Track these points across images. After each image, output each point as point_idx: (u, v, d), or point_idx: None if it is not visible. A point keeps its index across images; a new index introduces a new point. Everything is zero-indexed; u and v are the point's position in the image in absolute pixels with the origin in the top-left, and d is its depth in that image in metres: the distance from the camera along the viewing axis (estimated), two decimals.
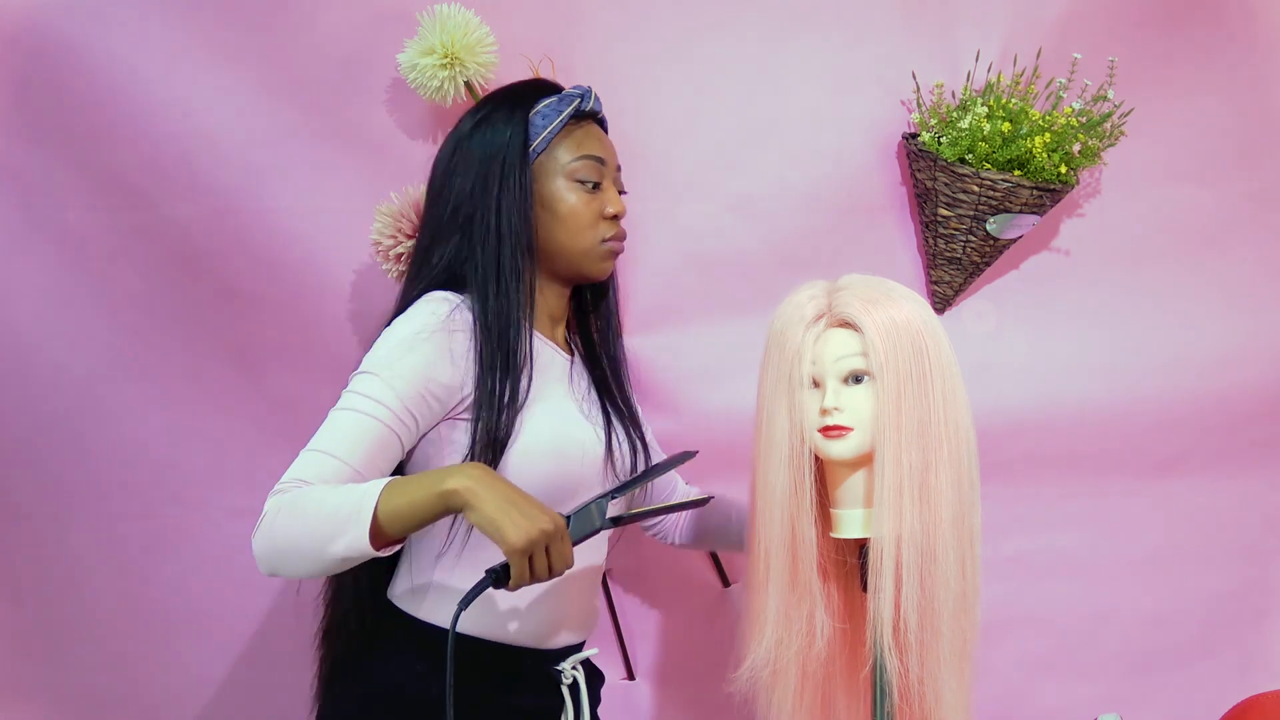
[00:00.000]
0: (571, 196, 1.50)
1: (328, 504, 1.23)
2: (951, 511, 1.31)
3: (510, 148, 1.47)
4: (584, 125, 1.54)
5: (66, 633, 1.89)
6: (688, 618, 1.97)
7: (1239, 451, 1.99)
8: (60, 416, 1.85)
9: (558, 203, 1.50)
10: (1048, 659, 1.99)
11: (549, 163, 1.50)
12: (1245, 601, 2.02)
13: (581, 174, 1.50)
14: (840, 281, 1.38)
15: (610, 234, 1.53)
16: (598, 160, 1.52)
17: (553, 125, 1.50)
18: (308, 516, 1.24)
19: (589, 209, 1.51)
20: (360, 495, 1.22)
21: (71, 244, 1.81)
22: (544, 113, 1.51)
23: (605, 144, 1.56)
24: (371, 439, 1.32)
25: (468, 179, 1.48)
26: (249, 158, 1.80)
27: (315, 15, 1.79)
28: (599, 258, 1.53)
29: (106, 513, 1.87)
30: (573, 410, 1.49)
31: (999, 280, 1.95)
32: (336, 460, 1.30)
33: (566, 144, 1.51)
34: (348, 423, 1.32)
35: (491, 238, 1.45)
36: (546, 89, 1.55)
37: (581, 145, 1.52)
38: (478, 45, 1.74)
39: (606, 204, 1.52)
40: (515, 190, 1.46)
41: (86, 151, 1.78)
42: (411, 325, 1.39)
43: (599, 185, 1.52)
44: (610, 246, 1.53)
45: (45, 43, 1.75)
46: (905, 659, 1.31)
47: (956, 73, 1.88)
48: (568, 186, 1.50)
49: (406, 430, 1.36)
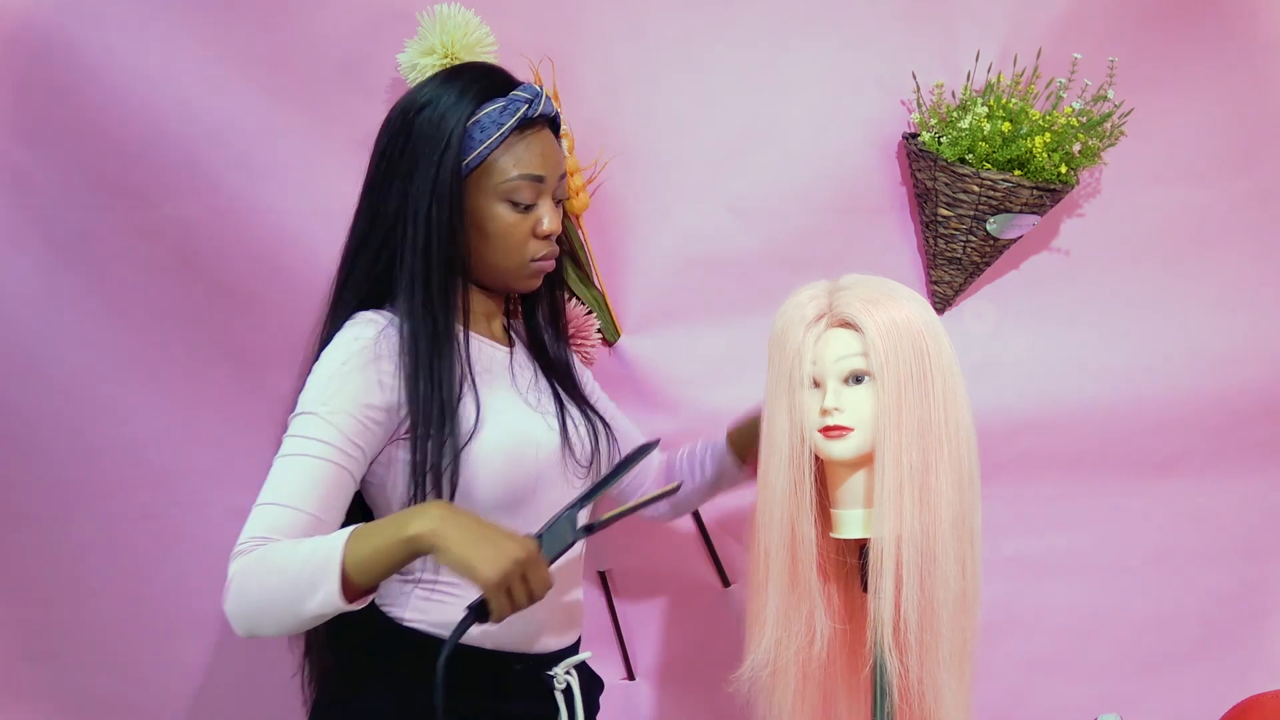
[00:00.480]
0: (503, 216, 1.41)
1: (294, 562, 1.21)
2: (951, 511, 1.31)
3: (443, 164, 1.38)
4: (529, 135, 1.42)
5: (67, 633, 1.89)
6: (688, 618, 1.97)
7: (1239, 451, 1.99)
8: (60, 416, 1.85)
9: (488, 221, 1.41)
10: (1048, 659, 1.99)
11: (484, 179, 1.40)
12: (1245, 601, 2.02)
13: (515, 195, 1.40)
14: (841, 281, 1.38)
15: (540, 253, 1.44)
16: (535, 180, 1.41)
17: (492, 140, 1.39)
18: (275, 576, 1.22)
19: (519, 229, 1.42)
20: (326, 550, 1.21)
21: (71, 244, 1.81)
22: (484, 124, 1.39)
23: (549, 156, 1.44)
24: (323, 481, 1.29)
25: (398, 185, 1.39)
26: (249, 157, 1.80)
27: (315, 15, 1.79)
28: (526, 276, 1.46)
29: (106, 513, 1.87)
30: (518, 405, 1.44)
31: (999, 280, 1.95)
32: (292, 510, 1.27)
33: (505, 160, 1.40)
34: (296, 469, 1.29)
35: (418, 255, 1.38)
36: (495, 87, 1.42)
37: (520, 162, 1.40)
38: (478, 45, 1.74)
39: (539, 222, 1.43)
40: (445, 208, 1.38)
41: (86, 151, 1.78)
42: (339, 356, 1.35)
43: (534, 204, 1.42)
44: (538, 266, 1.45)
45: (45, 43, 1.75)
46: (905, 659, 1.31)
47: (956, 73, 1.88)
48: (501, 206, 1.41)
49: (355, 462, 1.32)
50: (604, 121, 1.85)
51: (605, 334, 1.86)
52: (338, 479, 1.30)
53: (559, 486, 1.44)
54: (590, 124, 1.84)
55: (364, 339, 1.35)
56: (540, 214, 1.43)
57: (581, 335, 1.83)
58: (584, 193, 1.84)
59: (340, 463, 1.30)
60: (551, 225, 1.43)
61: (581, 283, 1.85)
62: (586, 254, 1.86)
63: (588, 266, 1.86)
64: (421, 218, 1.38)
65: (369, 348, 1.35)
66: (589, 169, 1.84)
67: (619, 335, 1.88)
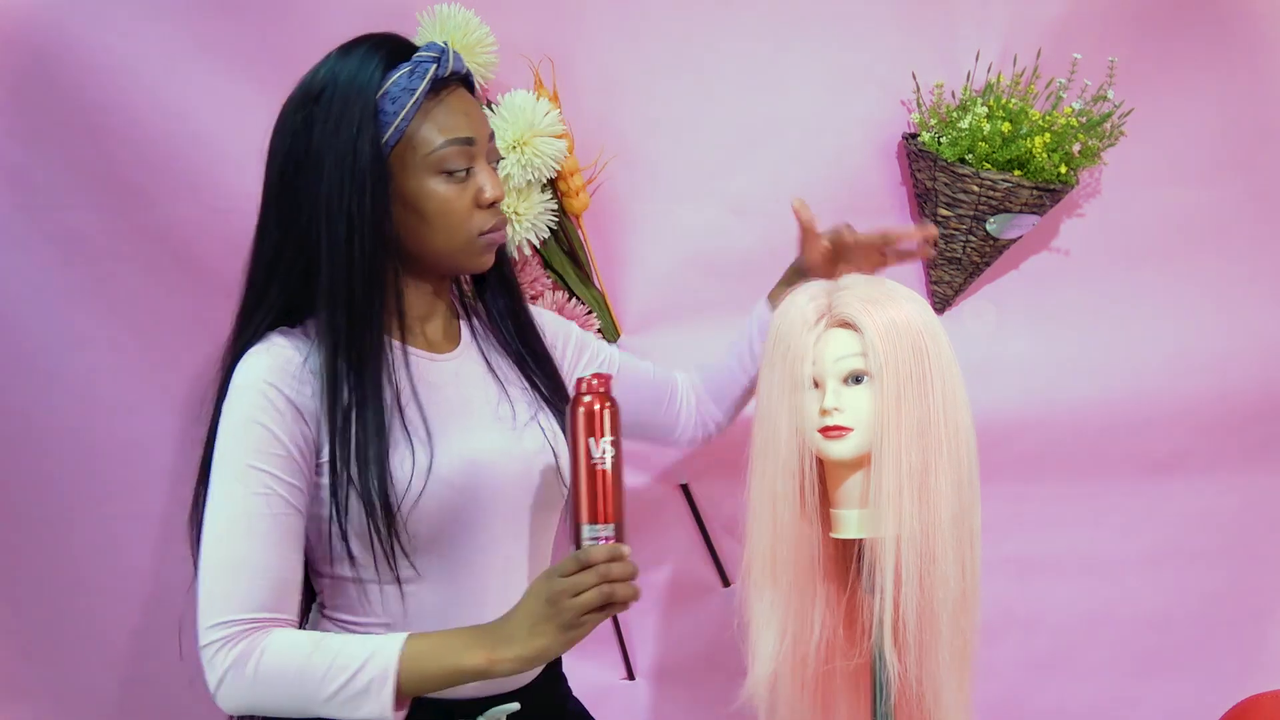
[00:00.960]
0: (439, 191, 1.27)
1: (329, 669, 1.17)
2: (951, 512, 1.31)
3: (359, 150, 1.23)
4: (445, 96, 1.27)
5: (67, 633, 1.89)
6: (688, 618, 1.97)
7: (1239, 451, 1.99)
8: (60, 416, 1.84)
9: (424, 201, 1.27)
10: (1048, 659, 1.99)
11: (407, 154, 1.26)
12: (1245, 601, 2.02)
13: (449, 163, 1.26)
14: (840, 282, 1.38)
15: (489, 224, 1.30)
16: (465, 142, 1.27)
17: (406, 108, 1.24)
18: (301, 682, 1.17)
19: (459, 202, 1.27)
20: (378, 668, 1.16)
21: (71, 244, 1.81)
22: (393, 94, 1.25)
23: (473, 115, 1.29)
24: (277, 536, 1.21)
25: (307, 185, 1.25)
26: (249, 158, 1.78)
27: (315, 15, 1.78)
28: (478, 252, 1.31)
29: (106, 513, 1.87)
30: (457, 421, 1.31)
31: (999, 280, 1.95)
32: (260, 578, 1.19)
33: (427, 127, 1.26)
34: (248, 531, 1.20)
35: (340, 260, 1.23)
36: (395, 53, 1.28)
37: (445, 126, 1.26)
38: (478, 45, 1.74)
39: (480, 191, 1.28)
40: (367, 197, 1.23)
41: (86, 151, 1.78)
42: (248, 397, 1.23)
43: (470, 170, 1.28)
44: (489, 239, 1.31)
45: (45, 43, 1.74)
46: (904, 659, 1.31)
47: (956, 73, 1.88)
48: (434, 180, 1.26)
49: (300, 496, 1.24)
50: (604, 121, 1.85)
51: (605, 334, 1.86)
52: (288, 527, 1.22)
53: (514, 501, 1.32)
54: (590, 124, 1.84)
55: (271, 366, 1.24)
56: (479, 181, 1.29)
57: None
58: (584, 193, 1.83)
59: (285, 511, 1.22)
60: (494, 191, 1.29)
61: (581, 283, 1.85)
62: (586, 254, 1.86)
63: (588, 266, 1.86)
64: (341, 214, 1.23)
65: (278, 376, 1.24)
66: (589, 169, 1.84)
67: (619, 335, 1.88)
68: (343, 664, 1.17)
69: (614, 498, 1.19)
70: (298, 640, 1.19)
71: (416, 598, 1.29)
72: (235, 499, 1.21)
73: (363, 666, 1.17)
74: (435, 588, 1.29)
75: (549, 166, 1.74)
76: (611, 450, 1.18)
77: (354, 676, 1.16)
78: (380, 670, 1.16)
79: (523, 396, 1.38)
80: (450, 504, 1.27)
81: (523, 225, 1.76)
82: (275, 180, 1.29)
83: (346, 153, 1.23)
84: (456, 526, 1.29)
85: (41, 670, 1.90)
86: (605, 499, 1.18)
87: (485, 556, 1.31)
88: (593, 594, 1.15)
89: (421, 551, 1.28)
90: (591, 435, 1.18)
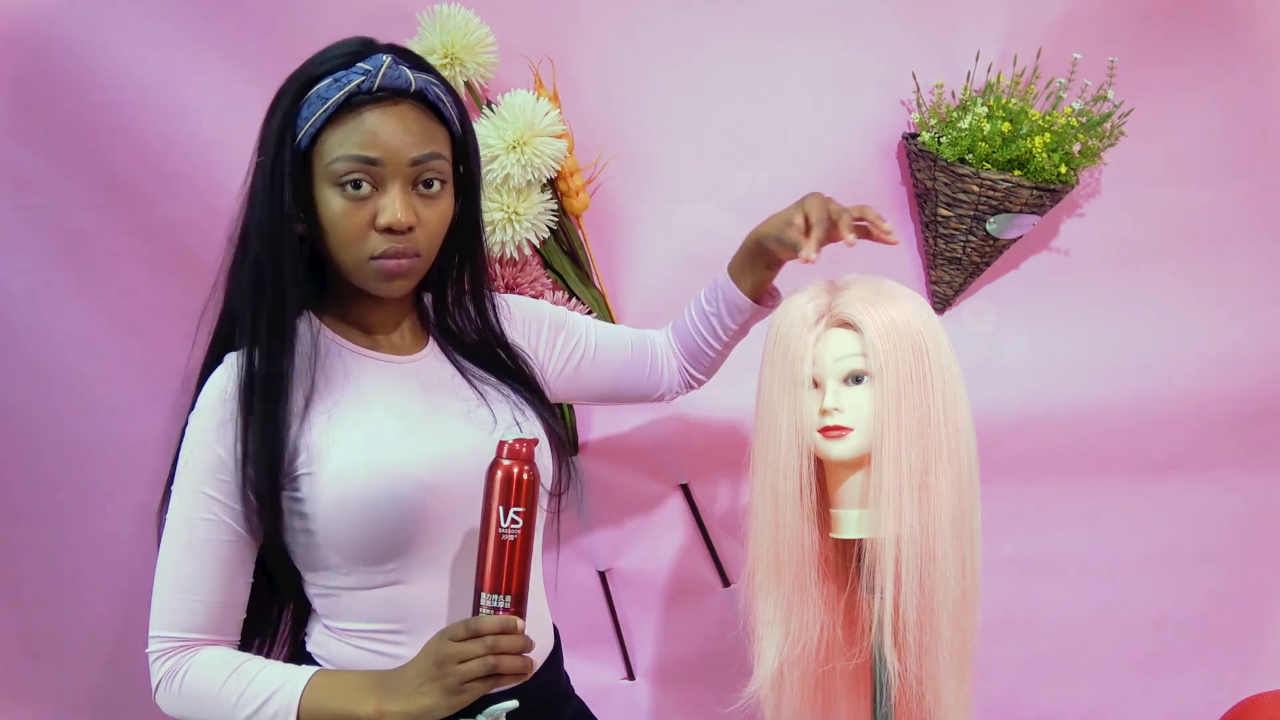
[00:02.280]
0: (331, 202, 1.24)
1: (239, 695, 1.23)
2: (951, 512, 1.31)
3: (269, 144, 1.24)
4: (369, 111, 1.24)
5: (67, 634, 1.89)
6: (688, 618, 1.97)
7: (1239, 451, 1.99)
8: (59, 416, 1.85)
9: (319, 209, 1.25)
10: (1048, 659, 1.99)
11: (315, 160, 1.25)
12: (1245, 601, 2.02)
13: (343, 177, 1.23)
14: (840, 281, 1.38)
15: (379, 249, 1.25)
16: (364, 161, 1.23)
17: (317, 115, 1.23)
18: (216, 704, 1.24)
19: (352, 219, 1.24)
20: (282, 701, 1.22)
21: (71, 244, 1.81)
22: (312, 100, 1.24)
23: (391, 136, 1.24)
24: (217, 562, 1.26)
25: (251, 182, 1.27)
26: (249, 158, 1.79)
27: (315, 15, 1.79)
28: (371, 277, 1.27)
29: (106, 513, 1.87)
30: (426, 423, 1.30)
31: (999, 280, 1.95)
32: (198, 601, 1.26)
33: (334, 138, 1.24)
34: (190, 554, 1.25)
35: (254, 253, 1.25)
36: (339, 59, 1.26)
37: (347, 141, 1.23)
38: (478, 45, 1.74)
39: (379, 212, 1.24)
40: (274, 193, 1.23)
41: (86, 151, 1.78)
42: (204, 419, 1.26)
43: (373, 189, 1.24)
44: (380, 265, 1.26)
45: (45, 42, 1.74)
46: (904, 659, 1.31)
47: (956, 73, 1.88)
48: (330, 192, 1.24)
49: (249, 524, 1.27)
50: (604, 121, 1.85)
51: None
52: (230, 553, 1.27)
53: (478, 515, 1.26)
54: (590, 124, 1.84)
55: (227, 388, 1.26)
56: (380, 203, 1.25)
57: None
58: (584, 193, 1.83)
59: (227, 538, 1.26)
60: (390, 217, 1.24)
61: (581, 282, 1.85)
62: (586, 254, 1.86)
63: (588, 266, 1.86)
64: (257, 211, 1.25)
65: (228, 399, 1.26)
66: (589, 169, 1.85)
67: None
68: (254, 693, 1.24)
69: (517, 569, 1.20)
70: (220, 662, 1.26)
71: (411, 599, 1.29)
72: (186, 521, 1.26)
73: (270, 698, 1.23)
74: (428, 587, 1.30)
75: (549, 166, 1.74)
76: (519, 522, 1.19)
77: (262, 706, 1.23)
78: (284, 704, 1.23)
79: (503, 402, 1.37)
80: (419, 502, 1.26)
81: (523, 225, 1.76)
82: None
83: (264, 147, 1.26)
84: (434, 524, 1.28)
85: (41, 670, 1.90)
86: (507, 569, 1.19)
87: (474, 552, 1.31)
88: (477, 664, 1.16)
89: (401, 552, 1.28)
90: (504, 503, 1.19)
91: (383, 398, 1.31)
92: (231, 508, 1.26)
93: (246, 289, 1.27)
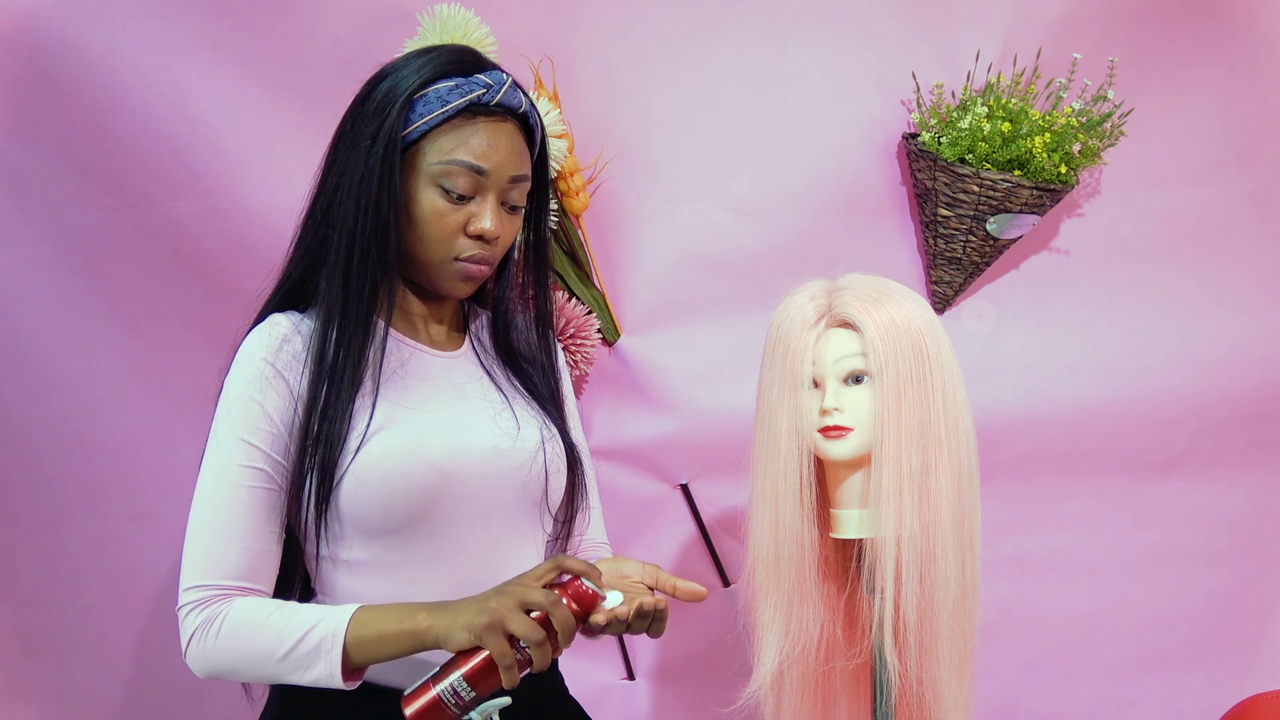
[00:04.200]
0: (430, 201, 1.29)
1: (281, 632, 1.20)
2: (951, 512, 1.31)
3: (381, 131, 1.27)
4: (484, 123, 1.30)
5: (67, 634, 1.89)
6: (688, 618, 1.97)
7: (1239, 451, 1.99)
8: (59, 416, 1.85)
9: (413, 204, 1.29)
10: (1048, 659, 1.99)
11: (417, 157, 1.29)
12: (1245, 601, 2.02)
13: (447, 180, 1.28)
14: (840, 281, 1.38)
15: (468, 252, 1.31)
16: (474, 170, 1.28)
17: (434, 115, 1.28)
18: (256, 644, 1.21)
19: (446, 220, 1.29)
20: (327, 631, 1.20)
21: (71, 244, 1.81)
22: (429, 98, 1.28)
23: (500, 151, 1.30)
24: (255, 510, 1.26)
25: (341, 158, 1.30)
26: (249, 157, 1.80)
27: (316, 15, 1.79)
28: (450, 276, 1.32)
29: (105, 513, 1.87)
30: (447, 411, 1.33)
31: (999, 280, 1.95)
32: (232, 544, 1.24)
33: (445, 140, 1.29)
34: (227, 500, 1.25)
35: (344, 235, 1.28)
36: (458, 66, 1.31)
37: (461, 148, 1.28)
38: (477, 45, 1.74)
39: (474, 219, 1.30)
40: (374, 183, 1.27)
41: (86, 151, 1.78)
42: (245, 371, 1.28)
43: (471, 198, 1.30)
44: (464, 267, 1.31)
45: (45, 42, 1.74)
46: (904, 659, 1.31)
47: (956, 73, 1.88)
48: (430, 190, 1.29)
49: (284, 472, 1.28)
50: (604, 121, 1.85)
51: (605, 334, 1.86)
52: (267, 501, 1.26)
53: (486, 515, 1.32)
54: (590, 124, 1.84)
55: (269, 344, 1.29)
56: (476, 211, 1.30)
57: (581, 335, 1.83)
58: (584, 193, 1.83)
59: (266, 485, 1.26)
60: (487, 225, 1.30)
61: (581, 283, 1.85)
62: (586, 254, 1.86)
63: (588, 266, 1.86)
64: (353, 193, 1.28)
65: (275, 355, 1.28)
66: (589, 169, 1.85)
67: (619, 335, 1.88)
68: (297, 625, 1.21)
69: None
70: (259, 603, 1.24)
71: (408, 586, 1.29)
72: (222, 469, 1.26)
73: (314, 627, 1.20)
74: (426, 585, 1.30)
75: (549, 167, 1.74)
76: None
77: (304, 637, 1.20)
78: (330, 631, 1.20)
79: (529, 412, 1.39)
80: (432, 486, 1.28)
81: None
82: (325, 159, 1.33)
83: (368, 137, 1.28)
84: (443, 514, 1.30)
85: (41, 671, 1.90)
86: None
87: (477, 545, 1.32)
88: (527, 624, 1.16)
89: (404, 531, 1.29)
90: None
91: (415, 384, 1.33)
92: (271, 458, 1.26)
93: (336, 267, 1.29)
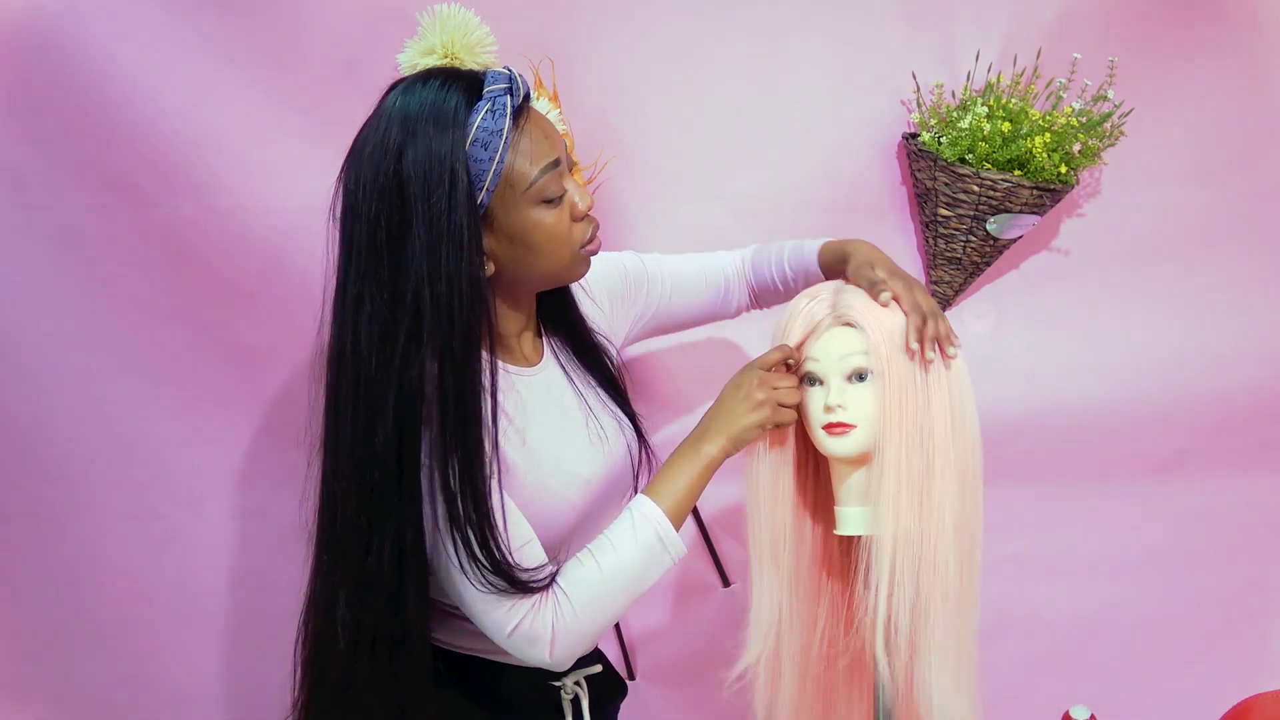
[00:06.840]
0: (544, 220, 1.26)
1: (625, 563, 1.29)
2: (953, 513, 1.31)
3: (454, 209, 1.19)
4: (523, 123, 1.25)
5: (67, 633, 1.89)
6: (688, 618, 1.97)
7: (1239, 451, 1.99)
8: (59, 416, 1.85)
9: (530, 233, 1.26)
10: (1047, 659, 1.99)
11: (507, 193, 1.23)
12: (1245, 601, 2.02)
13: (546, 192, 1.25)
14: (843, 283, 1.38)
15: (588, 235, 1.31)
16: (554, 166, 1.26)
17: (499, 151, 1.21)
18: (616, 588, 1.29)
19: (562, 221, 1.27)
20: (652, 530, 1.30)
21: (71, 244, 1.81)
22: (481, 139, 1.21)
23: (552, 133, 1.28)
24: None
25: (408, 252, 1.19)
26: (249, 157, 1.80)
27: (315, 16, 1.79)
28: (579, 264, 1.32)
29: (106, 513, 1.87)
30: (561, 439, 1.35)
31: (999, 280, 1.95)
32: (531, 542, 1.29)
33: (519, 161, 1.23)
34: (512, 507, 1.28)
35: (443, 320, 1.20)
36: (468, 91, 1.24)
37: (535, 155, 1.24)
38: (478, 45, 1.73)
39: (574, 206, 1.29)
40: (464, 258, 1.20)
41: (86, 151, 1.78)
42: None
43: (563, 192, 1.28)
44: (589, 250, 1.32)
45: (45, 42, 1.74)
46: (893, 660, 1.31)
47: (956, 73, 1.88)
48: (536, 210, 1.25)
49: None
50: (604, 121, 1.85)
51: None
52: None
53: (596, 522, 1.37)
54: (590, 124, 1.84)
55: None
56: (570, 197, 1.29)
57: None
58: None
59: None
60: (585, 201, 1.29)
61: None
62: None
63: None
64: (440, 278, 1.19)
65: None
66: (589, 169, 1.84)
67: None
68: (614, 537, 1.30)
69: None
70: (577, 561, 1.29)
71: None
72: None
73: (636, 531, 1.29)
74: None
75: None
76: None
77: (635, 541, 1.29)
78: (643, 513, 1.30)
79: (604, 410, 1.44)
80: (560, 518, 1.34)
81: None
82: (365, 241, 1.22)
83: (442, 214, 1.19)
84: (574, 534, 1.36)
85: (42, 671, 1.90)
86: None
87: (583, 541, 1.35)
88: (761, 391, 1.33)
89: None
90: None
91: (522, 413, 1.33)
92: None
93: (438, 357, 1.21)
